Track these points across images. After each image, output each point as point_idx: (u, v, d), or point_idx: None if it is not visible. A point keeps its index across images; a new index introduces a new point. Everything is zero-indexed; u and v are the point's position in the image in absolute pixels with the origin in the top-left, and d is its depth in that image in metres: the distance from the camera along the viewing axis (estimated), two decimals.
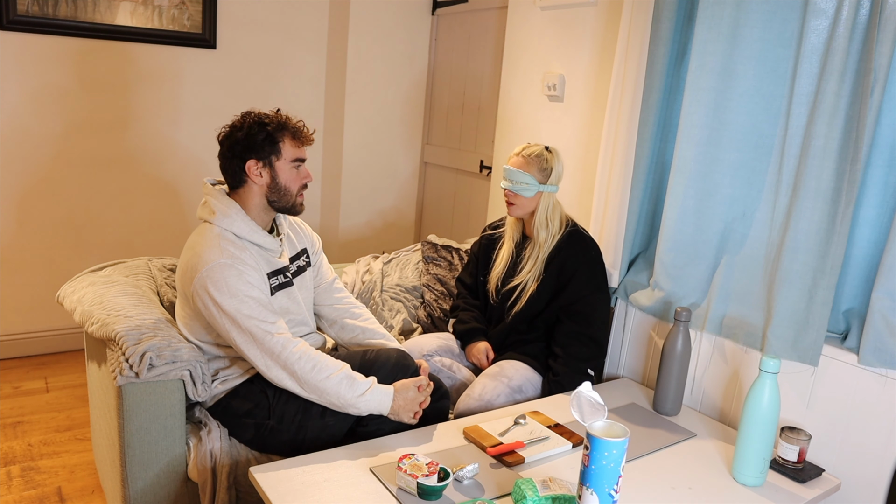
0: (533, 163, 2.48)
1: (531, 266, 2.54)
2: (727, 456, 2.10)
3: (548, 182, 2.49)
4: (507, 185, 2.49)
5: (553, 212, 2.52)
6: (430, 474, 1.72)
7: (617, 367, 2.79)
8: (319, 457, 1.89)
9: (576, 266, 2.48)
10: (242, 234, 2.12)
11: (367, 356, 2.22)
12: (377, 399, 2.05)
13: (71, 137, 3.74)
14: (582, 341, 2.47)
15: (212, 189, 2.17)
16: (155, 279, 2.59)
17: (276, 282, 2.20)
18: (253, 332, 2.01)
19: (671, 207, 2.48)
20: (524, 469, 1.92)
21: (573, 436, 2.10)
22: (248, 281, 2.04)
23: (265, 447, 2.16)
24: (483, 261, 2.76)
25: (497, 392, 2.40)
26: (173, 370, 2.04)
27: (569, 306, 2.49)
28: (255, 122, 2.11)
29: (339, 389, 2.02)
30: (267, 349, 2.02)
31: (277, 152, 2.13)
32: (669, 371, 2.31)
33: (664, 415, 2.35)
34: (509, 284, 2.60)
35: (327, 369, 2.03)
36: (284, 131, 2.13)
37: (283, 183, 2.15)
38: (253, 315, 2.01)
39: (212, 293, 2.00)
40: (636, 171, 2.59)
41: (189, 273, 2.05)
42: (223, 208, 2.12)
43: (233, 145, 2.12)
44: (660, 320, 2.62)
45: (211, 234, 2.09)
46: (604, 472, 1.57)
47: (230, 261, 2.03)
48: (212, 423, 2.18)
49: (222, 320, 2.02)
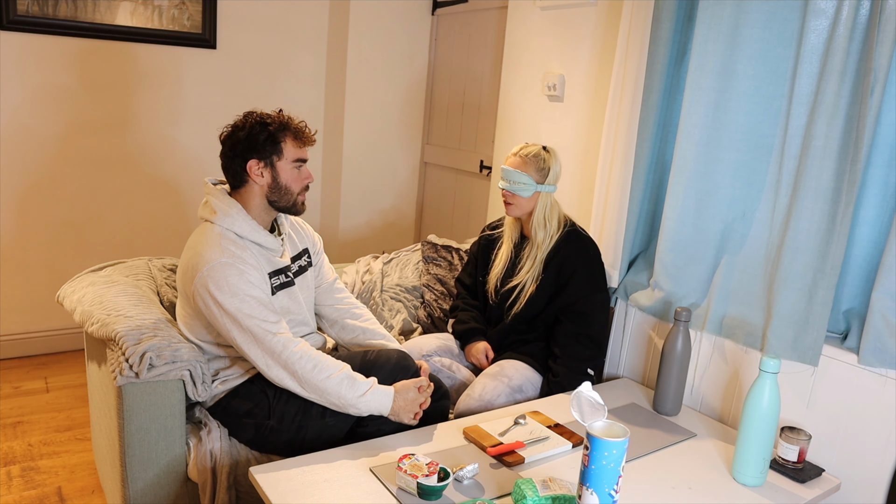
0: (530, 163, 2.48)
1: (530, 266, 2.54)
2: (727, 456, 2.10)
3: (545, 182, 2.49)
4: (505, 185, 2.49)
5: (551, 212, 2.52)
6: (430, 474, 1.71)
7: (617, 367, 2.79)
8: (319, 457, 1.89)
9: (574, 266, 2.48)
10: (243, 233, 2.12)
11: (368, 357, 2.22)
12: (378, 400, 2.05)
13: (71, 137, 3.74)
14: (581, 342, 2.47)
15: (213, 189, 2.17)
16: (155, 279, 2.59)
17: (277, 281, 2.20)
18: (254, 332, 2.01)
19: (671, 207, 2.47)
20: (524, 469, 1.92)
21: (573, 436, 2.10)
22: (249, 280, 2.04)
23: (265, 447, 2.16)
24: (482, 261, 2.76)
25: (497, 392, 2.40)
26: (173, 370, 2.04)
27: (568, 307, 2.49)
28: (257, 122, 2.11)
29: (339, 389, 2.02)
30: (268, 348, 2.02)
31: (279, 152, 2.12)
32: (669, 371, 2.31)
33: (664, 415, 2.35)
34: (508, 285, 2.60)
35: (328, 369, 2.03)
36: (286, 131, 2.13)
37: (284, 183, 2.15)
38: (254, 314, 2.01)
39: (213, 292, 2.00)
40: (636, 170, 2.59)
41: (190, 272, 2.05)
42: (224, 208, 2.12)
43: (234, 145, 2.12)
44: (660, 320, 2.62)
45: (212, 234, 2.09)
46: (604, 472, 1.57)
47: (231, 260, 2.03)
48: (212, 423, 2.18)
49: (223, 319, 2.02)
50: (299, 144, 2.15)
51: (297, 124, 2.16)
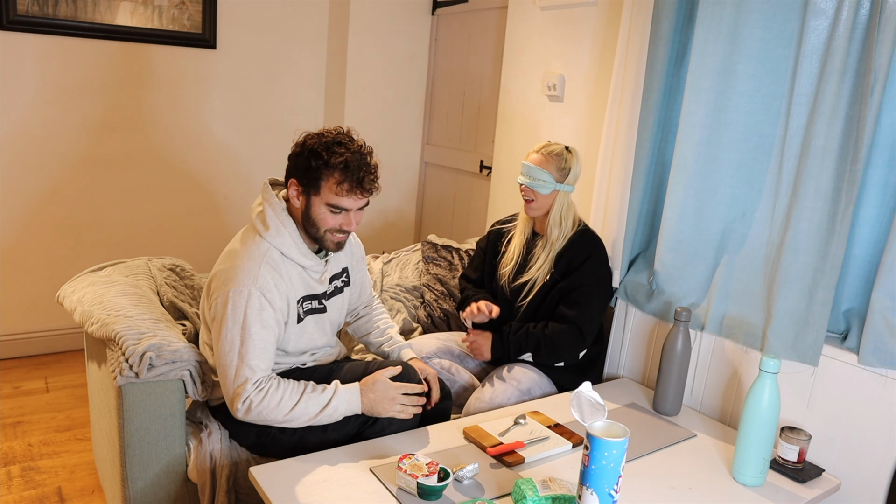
0: (552, 161, 2.49)
1: (541, 263, 2.54)
2: (727, 456, 2.10)
3: (565, 181, 2.50)
4: (525, 180, 2.50)
5: (567, 211, 2.53)
6: (430, 474, 1.71)
7: (617, 367, 2.79)
8: (320, 457, 1.89)
9: (583, 260, 2.49)
10: (290, 255, 2.07)
11: (370, 368, 2.18)
12: (345, 399, 2.01)
13: (71, 137, 3.74)
14: (569, 327, 2.46)
15: (271, 196, 2.09)
16: (154, 279, 2.59)
17: (308, 306, 2.14)
18: (233, 367, 1.97)
19: (671, 207, 2.47)
20: (524, 469, 1.92)
21: (573, 436, 2.10)
22: (264, 320, 1.98)
23: (266, 453, 2.15)
24: (491, 253, 2.75)
25: (507, 395, 2.41)
26: (173, 370, 2.04)
27: (567, 293, 2.50)
28: (312, 149, 2.00)
29: (307, 409, 1.97)
30: (233, 392, 1.97)
31: (317, 189, 2.02)
32: (669, 371, 2.31)
33: (664, 415, 2.35)
34: (520, 280, 2.60)
35: (289, 400, 1.97)
36: (333, 173, 1.99)
37: (314, 217, 2.05)
38: (245, 353, 1.96)
39: (227, 313, 1.96)
40: (636, 170, 2.59)
41: (220, 282, 2.01)
42: (278, 225, 2.05)
43: (292, 156, 2.06)
44: (660, 320, 2.62)
45: (257, 251, 2.03)
46: (604, 472, 1.57)
47: (260, 293, 1.97)
48: (213, 424, 2.18)
49: (218, 336, 1.99)
50: (342, 192, 2.00)
51: (358, 173, 2.00)
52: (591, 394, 1.65)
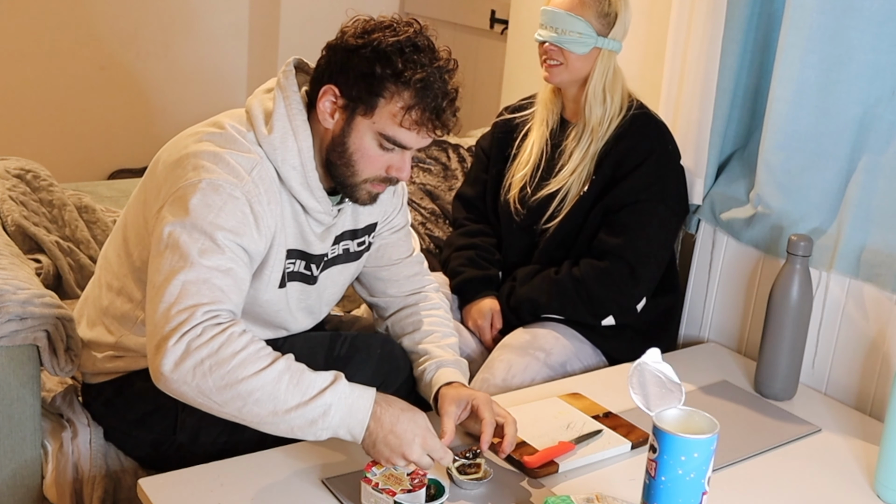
0: (589, 4, 2.45)
1: (577, 162, 2.53)
2: (868, 461, 2.11)
3: (609, 35, 2.49)
4: (548, 34, 2.48)
5: (613, 82, 2.53)
6: (414, 489, 1.71)
7: (699, 327, 2.82)
8: (248, 462, 1.91)
9: (639, 160, 2.48)
10: (290, 182, 2.00)
11: (339, 348, 2.13)
12: (345, 400, 1.84)
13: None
14: (611, 264, 2.46)
15: (293, 90, 2.04)
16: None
17: (292, 267, 2.09)
18: (178, 283, 1.84)
19: (782, 83, 2.48)
20: (559, 482, 1.92)
21: (632, 430, 2.12)
22: (242, 238, 1.90)
23: (168, 466, 2.04)
24: (497, 157, 2.72)
25: (530, 373, 2.43)
26: (22, 331, 2.03)
27: (613, 213, 2.49)
28: (380, 50, 1.93)
29: (276, 391, 1.80)
30: (172, 323, 1.81)
31: (371, 108, 1.96)
32: (780, 333, 2.31)
33: (771, 399, 2.38)
34: (542, 192, 2.58)
35: (254, 362, 1.81)
36: (402, 92, 1.94)
37: (352, 149, 2.01)
38: (207, 270, 1.86)
39: (191, 206, 1.86)
40: (729, 25, 2.60)
41: (183, 167, 1.92)
42: (287, 133, 2.01)
43: (340, 50, 1.98)
44: (765, 254, 2.63)
45: (245, 161, 1.95)
46: (680, 486, 1.57)
47: (245, 198, 1.91)
48: (78, 418, 2.16)
49: (167, 243, 1.86)
50: (408, 123, 1.96)
51: (432, 98, 1.95)
52: (661, 367, 1.65)
